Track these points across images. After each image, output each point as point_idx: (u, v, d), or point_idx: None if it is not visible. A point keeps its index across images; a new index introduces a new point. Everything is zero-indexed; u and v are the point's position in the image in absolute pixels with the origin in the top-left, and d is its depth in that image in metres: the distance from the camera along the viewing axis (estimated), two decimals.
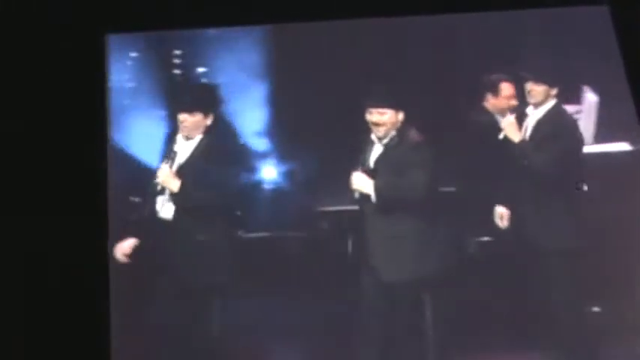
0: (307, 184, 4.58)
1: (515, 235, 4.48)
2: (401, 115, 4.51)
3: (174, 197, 4.44)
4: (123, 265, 4.36)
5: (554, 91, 4.63)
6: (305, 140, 4.61)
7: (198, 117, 4.49)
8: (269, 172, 4.59)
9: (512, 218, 4.49)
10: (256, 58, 4.74)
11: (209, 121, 4.51)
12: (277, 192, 4.59)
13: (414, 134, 4.51)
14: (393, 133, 4.50)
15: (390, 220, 4.41)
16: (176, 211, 4.41)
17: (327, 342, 4.26)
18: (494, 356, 4.27)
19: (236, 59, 4.71)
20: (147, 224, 4.43)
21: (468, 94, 4.72)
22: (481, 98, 4.72)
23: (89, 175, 4.44)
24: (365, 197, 4.45)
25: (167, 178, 4.47)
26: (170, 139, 4.56)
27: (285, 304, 4.31)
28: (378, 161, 4.51)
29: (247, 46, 4.76)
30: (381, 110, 4.50)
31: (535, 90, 4.62)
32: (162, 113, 4.63)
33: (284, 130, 4.68)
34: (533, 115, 4.63)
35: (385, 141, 4.50)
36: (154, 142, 4.59)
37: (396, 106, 4.51)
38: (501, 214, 4.51)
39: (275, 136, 4.66)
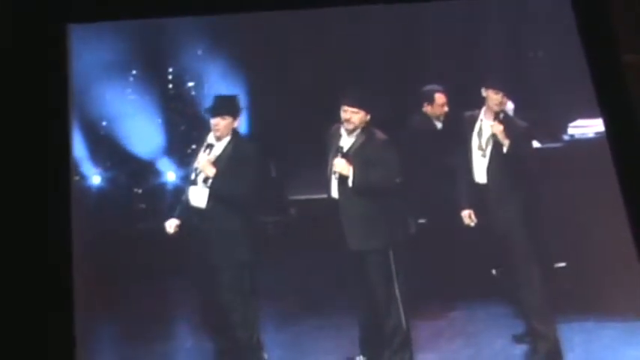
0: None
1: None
2: (368, 117, 5.39)
3: (211, 184, 5.29)
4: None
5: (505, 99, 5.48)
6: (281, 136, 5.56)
7: (228, 120, 5.38)
8: None
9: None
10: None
11: (236, 124, 5.40)
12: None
13: (380, 134, 5.39)
14: (360, 129, 5.38)
15: (361, 200, 5.33)
16: (209, 199, 5.26)
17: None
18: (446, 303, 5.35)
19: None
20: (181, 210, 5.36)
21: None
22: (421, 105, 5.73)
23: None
24: (342, 180, 5.32)
25: (206, 164, 5.32)
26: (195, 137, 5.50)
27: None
28: (351, 150, 5.35)
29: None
30: (355, 110, 5.36)
31: (497, 99, 5.43)
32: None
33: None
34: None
35: (355, 134, 5.36)
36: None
37: (367, 109, 5.39)
38: (468, 214, 5.47)
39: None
